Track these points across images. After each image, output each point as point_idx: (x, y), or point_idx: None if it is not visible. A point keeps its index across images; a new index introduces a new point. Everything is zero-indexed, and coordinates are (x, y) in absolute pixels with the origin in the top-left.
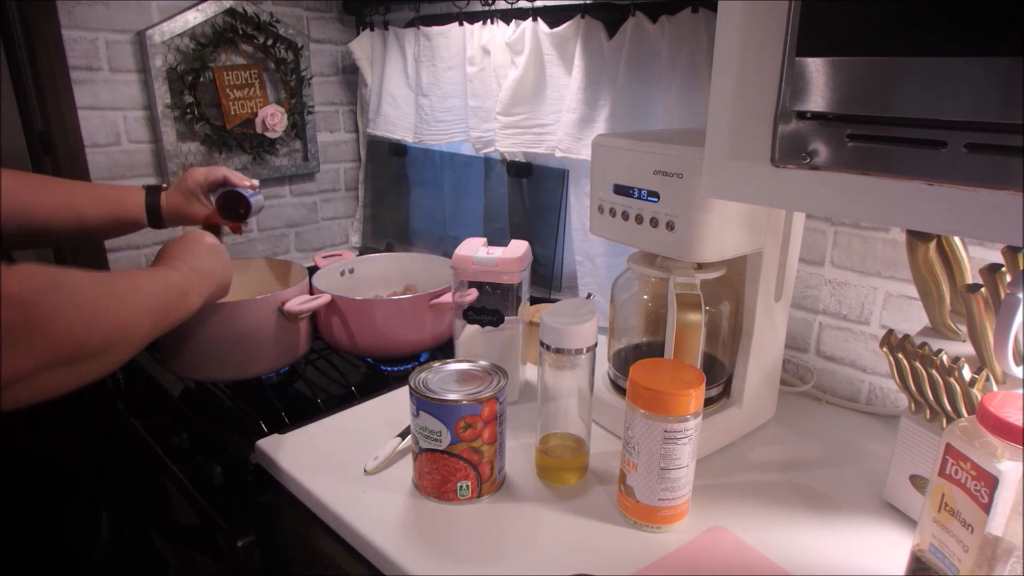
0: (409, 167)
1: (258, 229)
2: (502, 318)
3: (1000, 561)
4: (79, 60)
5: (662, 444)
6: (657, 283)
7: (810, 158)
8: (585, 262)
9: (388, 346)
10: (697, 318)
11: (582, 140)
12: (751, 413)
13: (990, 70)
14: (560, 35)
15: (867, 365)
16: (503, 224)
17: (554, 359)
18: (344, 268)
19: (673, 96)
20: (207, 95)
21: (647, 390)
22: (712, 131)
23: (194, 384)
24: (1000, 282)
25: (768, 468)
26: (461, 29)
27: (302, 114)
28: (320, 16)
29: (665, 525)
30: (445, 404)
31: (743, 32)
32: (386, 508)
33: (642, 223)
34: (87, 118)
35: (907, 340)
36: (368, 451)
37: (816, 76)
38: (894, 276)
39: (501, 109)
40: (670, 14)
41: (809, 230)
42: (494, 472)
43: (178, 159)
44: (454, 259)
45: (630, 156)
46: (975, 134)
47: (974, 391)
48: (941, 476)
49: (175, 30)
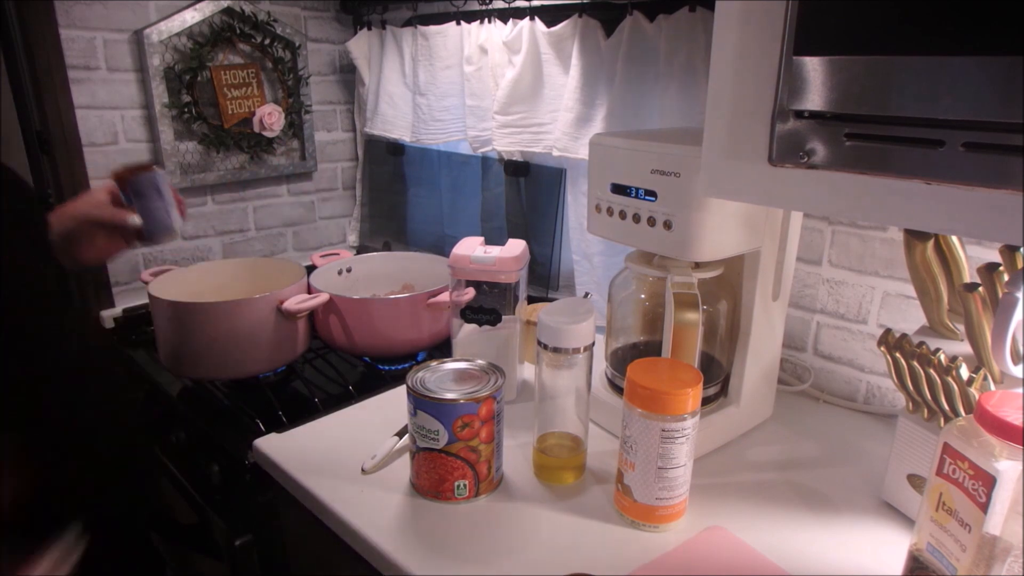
0: (406, 166)
1: (256, 228)
2: (499, 317)
3: (998, 560)
4: (77, 59)
5: (660, 443)
6: (655, 282)
7: (808, 157)
8: (582, 261)
9: (386, 345)
10: (695, 317)
11: (579, 139)
12: (749, 412)
13: (988, 69)
14: (557, 34)
15: (865, 364)
16: (500, 223)
17: (551, 358)
18: (342, 267)
19: (671, 95)
20: (205, 94)
21: (645, 389)
22: (710, 130)
23: (192, 383)
24: (998, 281)
25: (766, 467)
26: (458, 28)
27: (300, 113)
28: (318, 15)
29: (663, 524)
30: (443, 403)
31: (741, 31)
32: (384, 507)
33: (639, 222)
34: (85, 117)
35: (905, 339)
36: (366, 450)
37: (814, 75)
38: (892, 275)
39: (498, 108)
40: (667, 13)
41: (807, 229)
42: (491, 471)
43: (176, 158)
44: (451, 258)
45: (628, 155)
46: (973, 133)
47: (972, 390)
48: (939, 475)
49: (173, 29)
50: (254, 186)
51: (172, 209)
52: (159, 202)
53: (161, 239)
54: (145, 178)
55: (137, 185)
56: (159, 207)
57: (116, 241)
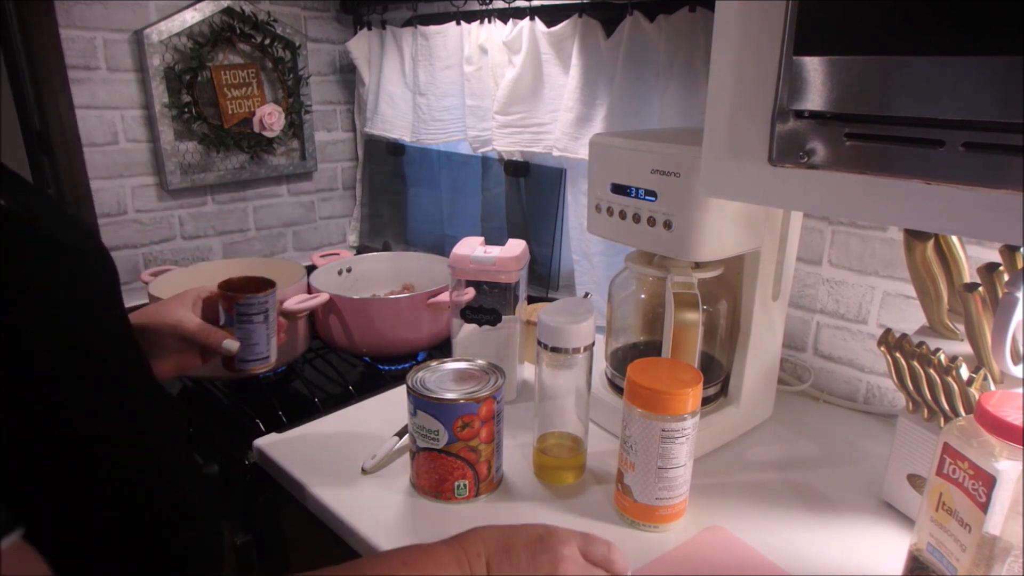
0: (406, 166)
1: (256, 228)
2: (499, 317)
3: (998, 560)
4: (77, 59)
5: (660, 443)
6: (655, 282)
7: (807, 157)
8: (582, 261)
9: (386, 345)
10: (695, 317)
11: (579, 139)
12: (749, 412)
13: (988, 69)
14: (557, 34)
15: (865, 364)
16: (500, 223)
17: (551, 358)
18: (342, 267)
19: (671, 95)
20: (205, 94)
21: (645, 389)
22: (710, 130)
23: (191, 383)
24: (998, 281)
25: (766, 467)
26: (458, 28)
27: (300, 113)
28: (318, 15)
29: (662, 524)
30: (443, 403)
31: (740, 31)
32: (384, 507)
33: (640, 222)
34: (85, 117)
35: (905, 339)
36: (366, 450)
37: (814, 75)
38: (892, 275)
39: (498, 108)
40: (668, 13)
41: (807, 229)
42: (491, 471)
43: (176, 158)
44: (452, 258)
45: (628, 155)
46: (973, 133)
47: (972, 390)
48: (939, 475)
49: (173, 29)
50: (254, 186)
51: (274, 336)
52: (263, 329)
53: (252, 371)
54: (258, 301)
55: (247, 307)
56: (261, 335)
57: (194, 359)
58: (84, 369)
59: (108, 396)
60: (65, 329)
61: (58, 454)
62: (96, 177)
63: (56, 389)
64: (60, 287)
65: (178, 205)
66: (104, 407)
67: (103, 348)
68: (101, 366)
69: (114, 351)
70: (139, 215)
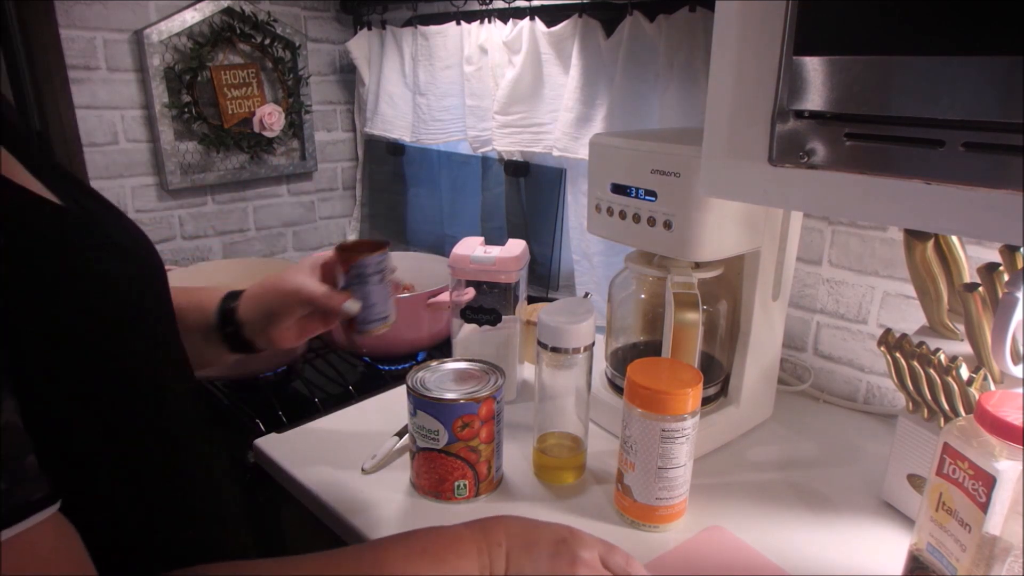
0: (406, 166)
1: (256, 228)
2: (499, 317)
3: (998, 560)
4: (77, 59)
5: (660, 443)
6: (655, 282)
7: (807, 157)
8: (582, 261)
9: (386, 345)
10: (695, 317)
11: (579, 139)
12: (749, 412)
13: (988, 69)
14: (557, 34)
15: (865, 364)
16: (500, 223)
17: (551, 358)
18: None
19: (670, 95)
20: (205, 94)
21: (645, 389)
22: (710, 130)
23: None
24: (998, 281)
25: (766, 467)
26: (458, 28)
27: (300, 113)
28: (318, 15)
29: (663, 524)
30: (442, 403)
31: (740, 31)
32: (384, 507)
33: (640, 222)
34: (85, 117)
35: (905, 339)
36: (366, 450)
37: (814, 75)
38: (892, 275)
39: (498, 108)
40: (667, 13)
41: (807, 229)
42: (491, 471)
43: (176, 158)
44: (452, 258)
45: (628, 155)
46: (973, 133)
47: (972, 390)
48: (939, 475)
49: (173, 29)
50: (254, 186)
51: (391, 297)
52: (381, 289)
53: (374, 331)
54: (374, 261)
55: (363, 268)
56: (380, 295)
57: (316, 325)
58: (133, 361)
59: (151, 395)
60: (120, 323)
61: (102, 433)
62: (96, 177)
63: (103, 378)
64: (115, 283)
65: (178, 205)
66: (147, 403)
67: (151, 340)
68: (149, 360)
69: (159, 344)
70: (139, 215)
